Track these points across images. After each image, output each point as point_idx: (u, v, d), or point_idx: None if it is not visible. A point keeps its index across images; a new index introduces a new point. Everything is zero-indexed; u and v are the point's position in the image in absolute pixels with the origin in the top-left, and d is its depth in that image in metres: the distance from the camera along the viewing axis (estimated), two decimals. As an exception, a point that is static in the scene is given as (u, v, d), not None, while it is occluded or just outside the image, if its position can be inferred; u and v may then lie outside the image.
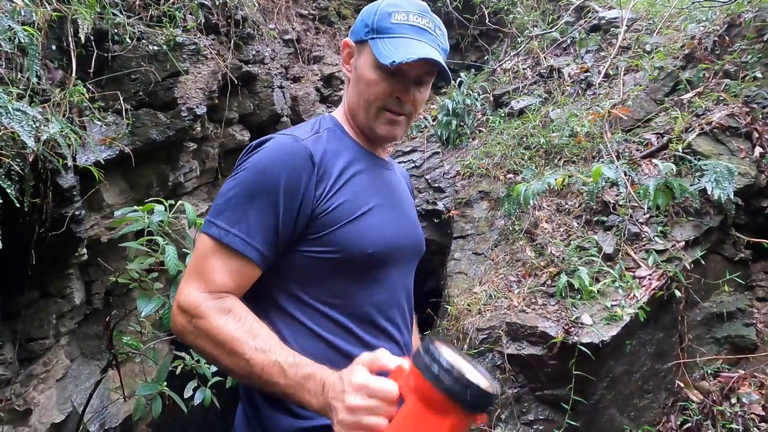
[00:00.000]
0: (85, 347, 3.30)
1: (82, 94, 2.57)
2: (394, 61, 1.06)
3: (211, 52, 3.43)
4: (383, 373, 0.84)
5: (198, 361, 2.82)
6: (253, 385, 0.99)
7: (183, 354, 2.81)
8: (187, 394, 2.71)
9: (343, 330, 1.08)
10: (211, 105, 3.53)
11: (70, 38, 2.62)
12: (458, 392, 0.74)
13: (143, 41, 3.03)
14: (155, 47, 3.04)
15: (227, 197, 1.04)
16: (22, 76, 2.20)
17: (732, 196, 2.77)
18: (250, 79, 3.89)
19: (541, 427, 2.53)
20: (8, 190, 1.78)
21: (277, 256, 1.05)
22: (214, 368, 2.73)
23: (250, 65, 3.85)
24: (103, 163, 2.71)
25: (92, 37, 2.71)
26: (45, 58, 2.49)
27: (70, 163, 2.34)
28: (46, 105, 2.26)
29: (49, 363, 3.01)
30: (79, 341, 3.26)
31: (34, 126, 1.84)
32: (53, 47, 2.62)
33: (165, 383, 2.70)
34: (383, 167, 1.24)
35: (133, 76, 3.01)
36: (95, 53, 2.78)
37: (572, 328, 2.46)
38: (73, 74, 2.53)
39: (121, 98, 2.85)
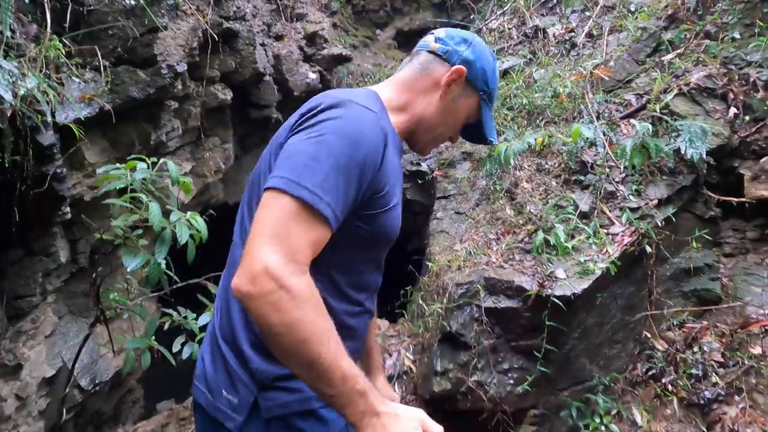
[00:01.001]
0: (72, 305, 3.34)
1: (59, 50, 2.53)
2: (492, 141, 1.36)
3: (190, 7, 3.36)
4: None
5: (185, 317, 2.89)
6: (302, 374, 0.95)
7: (170, 311, 2.87)
8: (176, 348, 2.78)
9: (341, 294, 1.18)
10: (192, 63, 3.48)
11: (43, -10, 2.55)
12: None
13: (120, -5, 2.95)
14: (132, 1, 2.97)
15: (316, 160, 0.99)
16: (-5, 30, 2.15)
17: (704, 156, 2.85)
18: (231, 37, 3.82)
19: (515, 375, 2.67)
20: (-12, 145, 1.77)
21: None
22: (201, 323, 2.81)
23: (230, 22, 3.78)
24: (83, 120, 2.69)
25: (66, -10, 2.65)
26: (18, 11, 2.43)
27: (49, 119, 2.32)
28: (21, 60, 2.22)
29: (38, 320, 3.05)
30: (66, 299, 3.30)
31: (10, 81, 1.83)
32: (26, 0, 2.55)
33: (153, 338, 2.77)
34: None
35: (110, 32, 2.94)
36: (70, 6, 2.71)
37: (546, 282, 2.57)
38: (48, 28, 2.47)
39: (99, 54, 2.80)
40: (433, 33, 1.33)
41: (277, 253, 0.92)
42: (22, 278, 2.91)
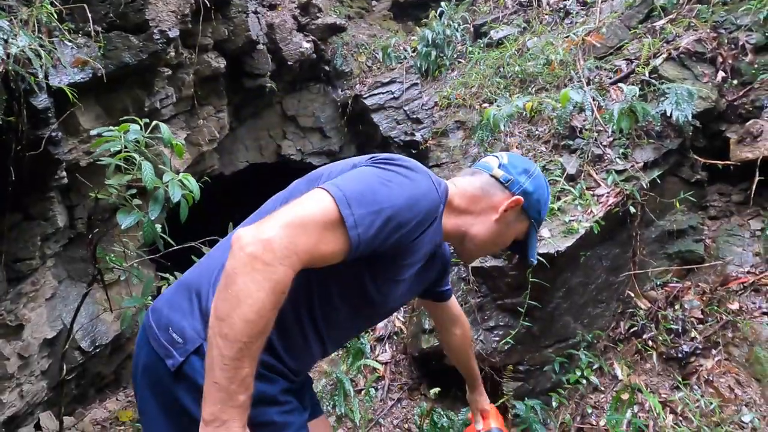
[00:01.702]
0: (71, 270, 3.42)
1: (50, 13, 2.55)
2: (533, 261, 1.45)
3: (181, -27, 3.36)
4: None
5: (182, 281, 2.96)
6: (213, 342, 0.93)
7: (167, 275, 2.95)
8: (173, 310, 2.87)
9: (316, 334, 1.22)
10: (185, 30, 3.49)
11: (33, -48, 2.56)
12: None
13: (110, -41, 2.96)
14: (123, -34, 2.98)
15: (373, 198, 1.04)
16: (-15, -10, 2.18)
17: (690, 118, 2.88)
18: (223, 4, 3.82)
19: (501, 332, 2.75)
20: (-20, 99, 1.82)
21: None
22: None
23: (222, -12, 3.78)
24: (77, 85, 2.73)
25: (56, -48, 2.65)
26: (8, -27, 2.45)
27: (42, 80, 2.36)
28: (12, 20, 2.25)
29: (38, 283, 3.13)
30: (65, 264, 3.38)
31: (2, 38, 1.86)
32: (17, -37, 2.56)
33: (150, 298, 2.85)
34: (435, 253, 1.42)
35: (101, -3, 2.96)
36: (61, -30, 2.72)
37: (531, 241, 2.63)
38: (39, -10, 2.49)
39: (91, 18, 2.82)
40: (497, 157, 1.39)
41: (288, 238, 0.94)
42: (21, 242, 2.98)
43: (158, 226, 2.52)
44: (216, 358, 0.92)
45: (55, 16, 2.63)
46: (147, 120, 2.51)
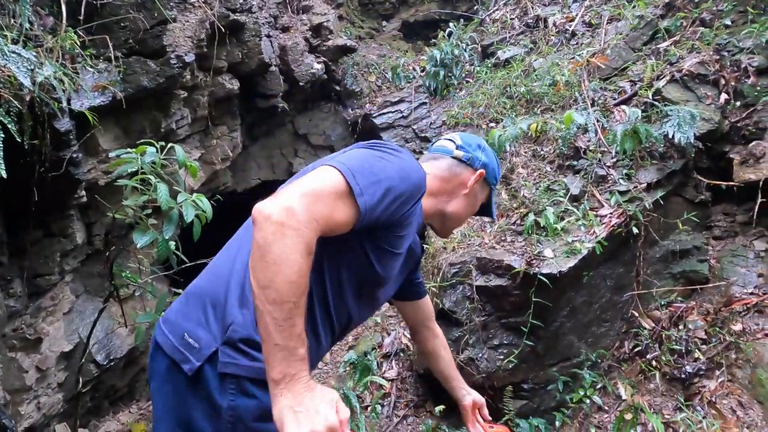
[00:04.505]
0: (89, 285, 3.52)
1: (74, 41, 2.69)
2: (494, 218, 1.75)
3: (198, 0, 3.51)
4: None
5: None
6: (266, 308, 0.99)
7: (180, 291, 3.03)
8: (185, 325, 2.95)
9: (320, 303, 1.27)
10: (200, 53, 3.63)
11: (59, -15, 2.71)
12: None
13: (130, -12, 3.11)
14: (143, -5, 3.13)
15: (372, 171, 1.14)
16: (15, 22, 2.32)
17: (693, 140, 2.92)
18: (237, 28, 3.96)
19: (505, 351, 2.79)
20: (9, 126, 1.94)
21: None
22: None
23: (237, 14, 3.92)
24: (97, 108, 2.86)
25: (81, -16, 2.80)
26: (36, 5, 2.59)
27: (65, 105, 2.48)
28: (39, 50, 2.38)
29: (56, 297, 3.24)
30: (83, 279, 3.48)
31: (29, 68, 1.99)
32: (43, -6, 2.72)
33: (163, 314, 2.94)
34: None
35: (122, 24, 3.11)
36: (84, 0, 2.87)
37: (534, 261, 2.68)
38: (64, 21, 2.63)
39: (111, 45, 2.96)
40: (451, 139, 1.56)
41: (306, 205, 1.02)
42: (41, 257, 3.10)
43: (172, 244, 2.61)
44: (270, 323, 0.98)
45: (78, 44, 2.77)
46: (163, 143, 2.63)
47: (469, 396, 1.80)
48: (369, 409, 3.01)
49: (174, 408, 1.19)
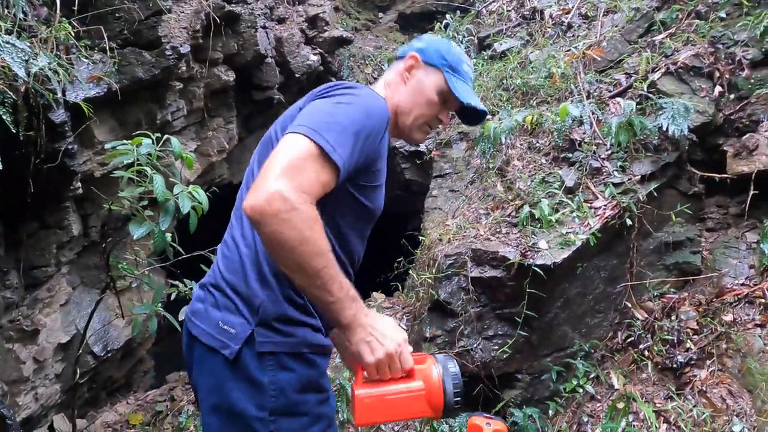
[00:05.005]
0: (85, 276, 3.53)
1: (68, 32, 2.68)
2: (470, 104, 1.42)
3: (192, -9, 3.49)
4: None
5: (191, 288, 3.06)
6: (305, 284, 1.10)
7: (177, 283, 3.04)
8: (182, 317, 2.95)
9: (337, 261, 1.29)
10: (196, 45, 3.61)
11: (53, -25, 2.69)
12: (452, 410, 1.18)
13: (125, -21, 3.09)
14: (137, -15, 3.11)
15: (335, 120, 1.14)
16: (9, 12, 2.30)
17: (686, 132, 2.94)
18: (233, 19, 3.94)
19: (499, 341, 2.82)
20: (3, 117, 1.93)
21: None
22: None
23: (232, 5, 3.90)
24: (92, 99, 2.85)
25: (74, -26, 2.78)
26: (30, -5, 2.58)
27: (60, 96, 2.48)
28: (33, 40, 2.37)
29: (53, 289, 3.24)
30: (79, 271, 3.49)
31: (23, 59, 1.98)
32: (37, -16, 2.70)
33: (160, 305, 2.95)
34: None
35: (116, 15, 3.09)
36: (78, -10, 2.85)
37: (528, 252, 2.70)
38: (58, 11, 2.62)
39: (106, 36, 2.94)
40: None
41: (291, 182, 1.04)
42: (38, 249, 3.10)
43: (168, 236, 2.62)
44: (316, 292, 1.10)
45: (73, 35, 2.75)
46: (159, 134, 2.63)
47: None
48: (365, 399, 3.03)
49: (213, 393, 1.24)
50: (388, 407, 1.17)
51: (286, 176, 1.05)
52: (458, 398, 1.17)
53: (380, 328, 1.14)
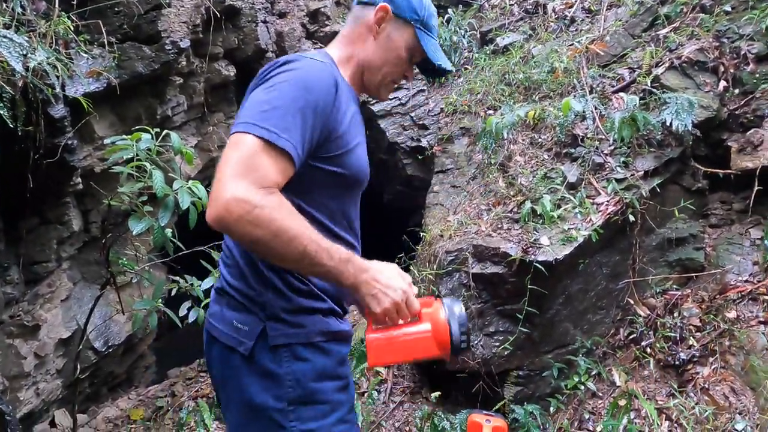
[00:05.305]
0: (86, 272, 3.53)
1: (67, 26, 2.66)
2: (441, 65, 1.37)
3: (192, -15, 3.46)
4: None
5: (192, 284, 3.05)
6: (297, 268, 1.14)
7: (177, 278, 3.04)
8: (182, 313, 2.95)
9: (327, 232, 1.28)
10: (196, 39, 3.59)
11: (51, -31, 2.67)
12: (459, 350, 1.20)
13: (124, -28, 3.07)
14: (137, -21, 3.08)
15: (273, 106, 1.10)
16: (7, 7, 2.29)
17: (690, 128, 2.91)
18: (233, 14, 3.92)
19: (500, 338, 2.81)
20: (1, 112, 1.92)
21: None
22: (205, 287, 2.97)
23: (233, -1, 3.87)
24: (92, 94, 2.83)
25: (73, -32, 2.76)
26: (28, -11, 2.56)
27: (58, 91, 2.46)
28: (31, 35, 2.36)
29: (53, 285, 3.24)
30: (80, 266, 3.49)
31: (21, 53, 1.96)
32: (35, -22, 2.68)
33: (161, 301, 2.94)
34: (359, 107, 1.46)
35: (116, 9, 3.07)
36: (77, -16, 2.83)
37: (530, 248, 2.69)
38: (57, 5, 2.60)
39: (105, 31, 2.92)
40: None
41: (244, 183, 1.03)
42: (38, 245, 3.10)
43: (168, 231, 2.61)
44: (311, 266, 1.11)
45: (72, 29, 2.74)
46: (158, 129, 2.61)
47: None
48: (366, 395, 3.03)
49: (235, 390, 1.27)
50: (398, 349, 1.21)
51: (237, 179, 1.03)
52: (465, 338, 1.20)
53: (383, 280, 1.17)
